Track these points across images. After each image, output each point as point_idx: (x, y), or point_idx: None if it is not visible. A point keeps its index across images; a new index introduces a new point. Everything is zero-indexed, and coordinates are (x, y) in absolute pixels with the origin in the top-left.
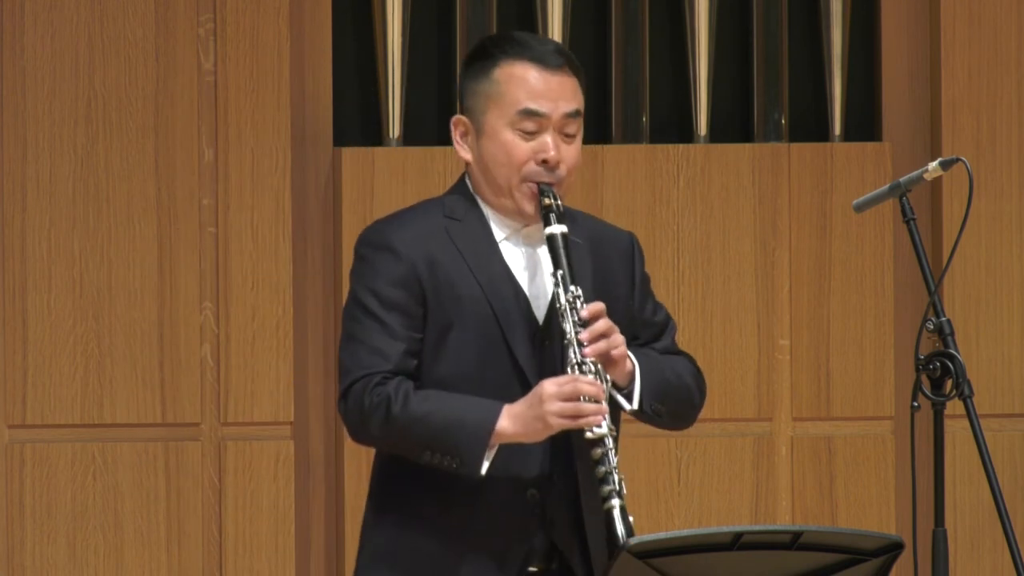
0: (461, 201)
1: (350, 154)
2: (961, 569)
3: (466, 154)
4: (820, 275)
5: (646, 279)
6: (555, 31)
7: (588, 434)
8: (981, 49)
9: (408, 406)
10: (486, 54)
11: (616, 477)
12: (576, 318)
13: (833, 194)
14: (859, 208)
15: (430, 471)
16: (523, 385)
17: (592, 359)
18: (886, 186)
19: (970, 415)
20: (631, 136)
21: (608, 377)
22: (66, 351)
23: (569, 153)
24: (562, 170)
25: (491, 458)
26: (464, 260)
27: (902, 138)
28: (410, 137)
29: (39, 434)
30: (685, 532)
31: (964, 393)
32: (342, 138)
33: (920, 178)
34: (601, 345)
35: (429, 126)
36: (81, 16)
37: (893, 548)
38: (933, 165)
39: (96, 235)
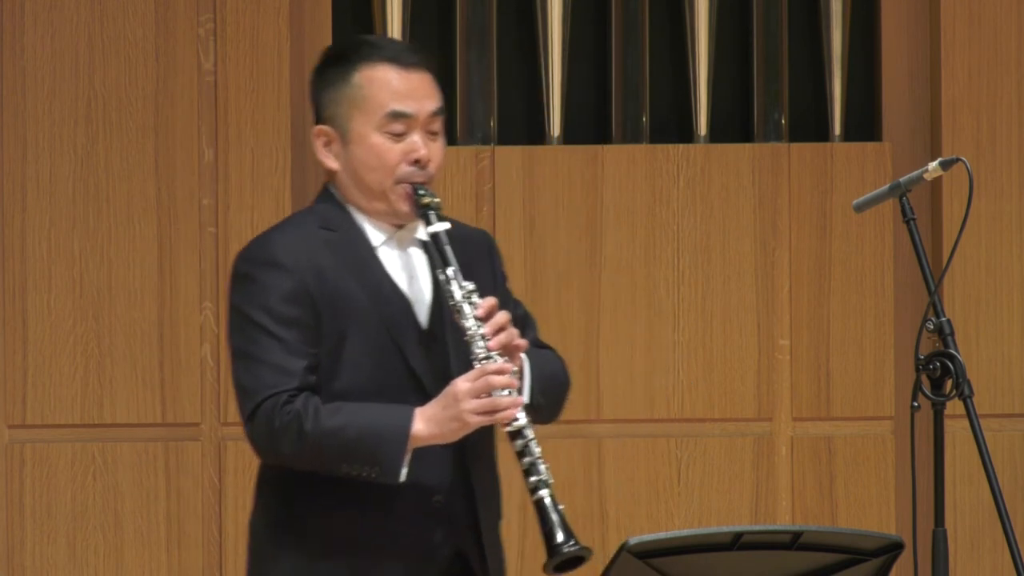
0: (333, 211)
1: None
2: (961, 569)
3: (332, 163)
4: (820, 275)
5: (505, 277)
6: (555, 31)
7: (507, 428)
8: (981, 49)
9: (320, 421)
10: (340, 59)
11: (542, 466)
12: (473, 313)
13: (833, 194)
14: (859, 208)
15: (334, 489)
16: (418, 390)
17: (497, 352)
18: (886, 186)
19: (970, 415)
20: (631, 136)
21: (515, 367)
22: (66, 351)
23: (436, 151)
24: (432, 168)
25: (408, 463)
26: (347, 270)
27: (902, 138)
28: None
29: (39, 434)
30: (685, 532)
31: (964, 393)
32: None
33: (920, 178)
34: (503, 337)
35: None
36: (81, 16)
37: (893, 548)
38: (933, 165)
39: (96, 235)
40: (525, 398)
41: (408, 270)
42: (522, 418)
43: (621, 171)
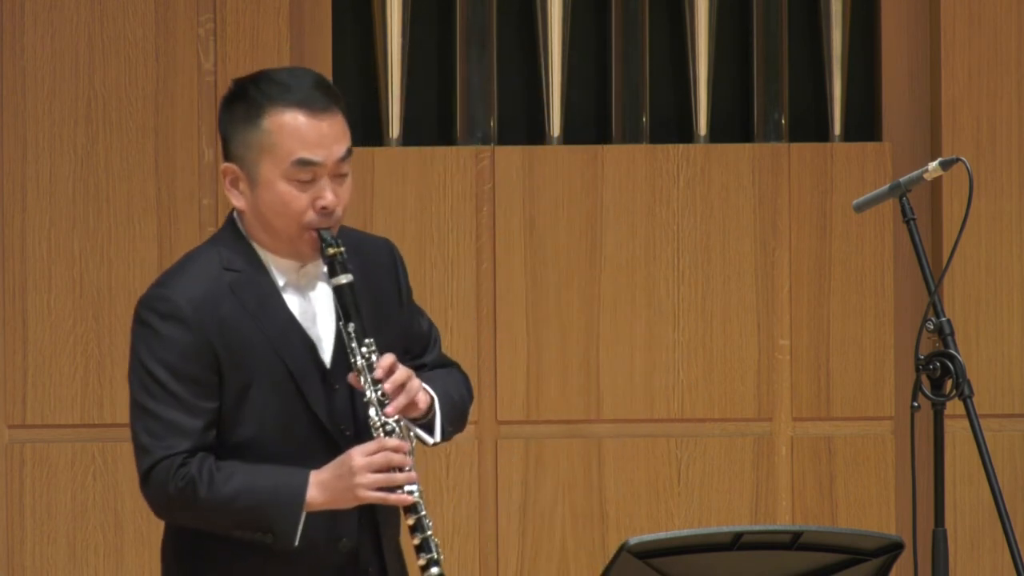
0: (238, 250)
1: None
2: (961, 569)
3: (239, 202)
4: (820, 275)
5: (410, 290)
6: (555, 31)
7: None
8: (981, 49)
9: (214, 487)
10: (248, 99)
11: (433, 543)
12: (372, 376)
13: (833, 194)
14: (859, 208)
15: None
16: (321, 433)
17: (395, 418)
18: (886, 186)
19: (970, 415)
20: (631, 136)
21: (412, 433)
22: (66, 351)
23: (343, 193)
24: (339, 211)
25: (302, 527)
26: (251, 316)
27: (902, 138)
28: (410, 137)
29: (39, 434)
30: (685, 532)
31: (964, 393)
32: None
33: (920, 178)
34: (401, 401)
35: (429, 126)
36: (81, 16)
37: (893, 548)
38: (933, 165)
39: (96, 235)
40: (437, 437)
41: (312, 310)
42: (416, 494)
43: (621, 171)
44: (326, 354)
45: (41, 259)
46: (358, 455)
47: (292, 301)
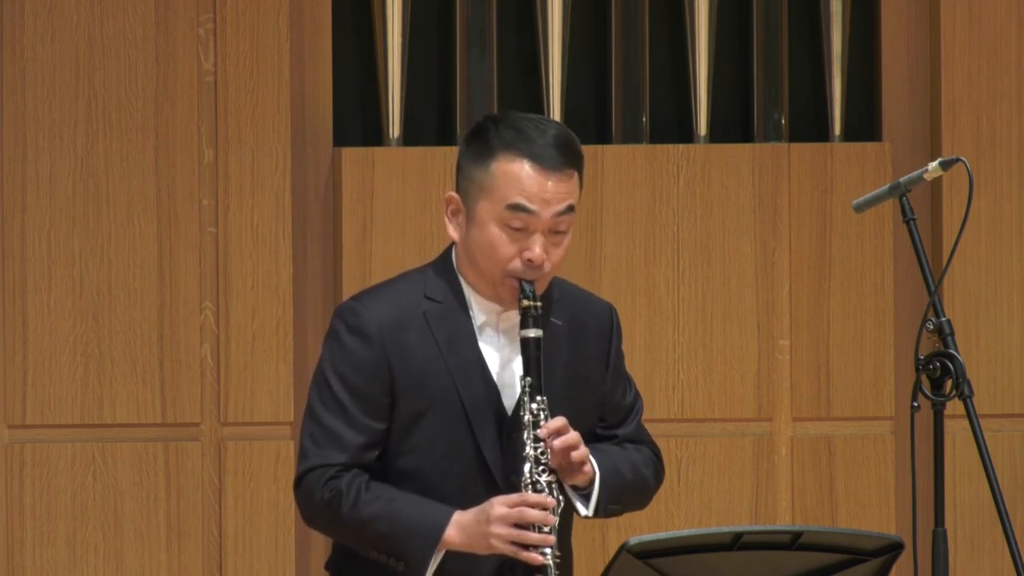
0: (444, 279)
1: (350, 154)
2: (961, 569)
3: (454, 233)
4: (820, 275)
5: (620, 358)
6: (555, 31)
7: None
8: (981, 49)
9: (358, 506)
10: (485, 141)
11: None
12: (535, 434)
13: (833, 194)
14: (859, 208)
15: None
16: (485, 477)
17: (547, 479)
18: (886, 186)
19: (970, 415)
20: (631, 136)
21: (561, 498)
22: (66, 351)
23: (556, 253)
24: (546, 267)
25: (438, 562)
26: (438, 347)
27: (902, 138)
28: (410, 137)
29: (39, 434)
30: (685, 532)
31: (964, 393)
32: (342, 138)
33: (920, 178)
34: (560, 458)
35: (429, 126)
36: (81, 16)
37: (893, 548)
38: (933, 165)
39: (96, 235)
40: (590, 511)
41: (506, 356)
42: (548, 557)
43: (621, 171)
44: (510, 401)
45: (41, 259)
46: (499, 504)
47: (486, 342)
